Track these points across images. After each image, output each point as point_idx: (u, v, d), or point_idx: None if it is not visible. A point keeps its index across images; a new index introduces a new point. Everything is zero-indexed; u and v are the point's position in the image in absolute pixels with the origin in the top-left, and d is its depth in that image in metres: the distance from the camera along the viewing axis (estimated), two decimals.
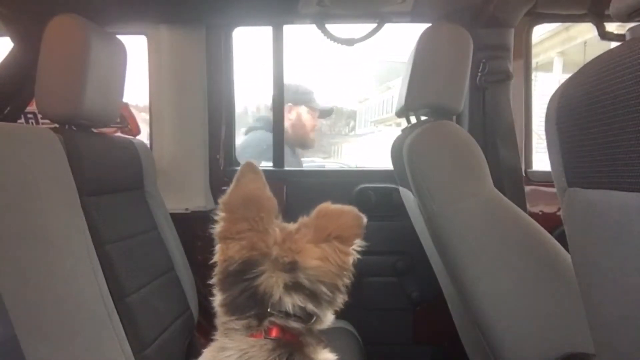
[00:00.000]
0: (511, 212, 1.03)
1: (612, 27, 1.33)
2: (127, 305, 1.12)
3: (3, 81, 1.54)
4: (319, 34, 1.62)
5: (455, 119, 1.67)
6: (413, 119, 1.36)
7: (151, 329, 1.19)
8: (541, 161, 1.81)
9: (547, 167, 0.57)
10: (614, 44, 0.55)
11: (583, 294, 0.52)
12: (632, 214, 0.40)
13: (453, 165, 1.07)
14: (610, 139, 0.41)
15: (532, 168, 1.80)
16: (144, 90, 1.84)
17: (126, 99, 1.67)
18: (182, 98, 1.76)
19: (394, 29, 1.73)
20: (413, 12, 1.58)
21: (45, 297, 0.95)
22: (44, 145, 1.04)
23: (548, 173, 0.57)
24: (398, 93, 1.36)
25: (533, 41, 1.79)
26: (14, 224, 0.95)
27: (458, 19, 1.53)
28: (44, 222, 0.98)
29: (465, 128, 1.68)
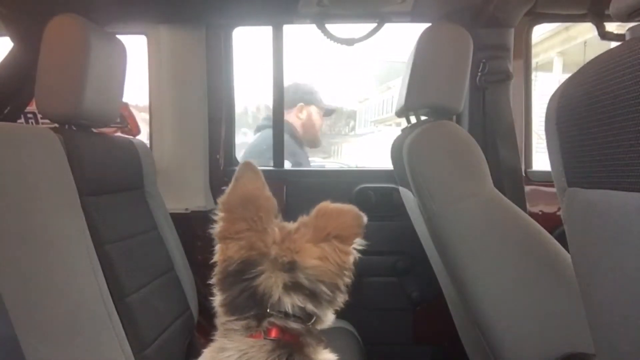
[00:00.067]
0: (511, 212, 1.02)
1: (612, 27, 1.33)
2: (127, 305, 1.12)
3: (3, 81, 1.54)
4: (319, 34, 1.62)
5: (455, 119, 1.67)
6: (413, 119, 1.36)
7: (151, 329, 1.19)
8: (541, 161, 1.81)
9: (547, 167, 0.57)
10: (614, 44, 0.55)
11: (583, 294, 0.52)
12: (632, 214, 0.40)
13: (453, 165, 1.07)
14: (610, 139, 0.41)
15: (532, 168, 1.80)
16: (144, 90, 1.84)
17: (126, 99, 1.67)
18: (182, 98, 1.76)
19: (394, 29, 1.74)
20: (413, 12, 1.58)
21: (45, 297, 0.95)
22: (44, 145, 1.04)
23: (548, 173, 0.57)
24: (398, 93, 1.36)
25: (533, 41, 1.79)
26: (14, 224, 0.95)
27: (458, 19, 1.52)
28: (44, 222, 0.98)
29: (465, 128, 1.67)
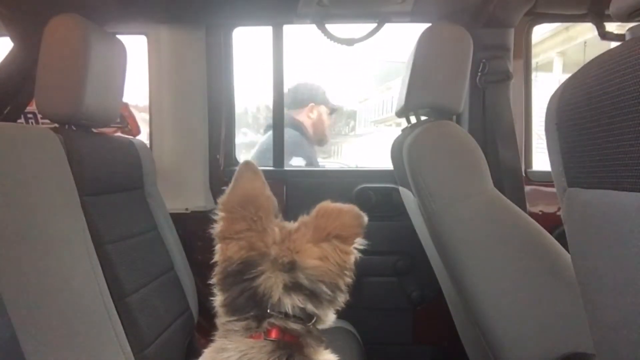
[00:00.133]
0: (511, 212, 1.02)
1: (612, 27, 1.33)
2: (127, 305, 1.12)
3: (3, 81, 1.54)
4: (319, 34, 1.62)
5: (455, 119, 1.67)
6: (413, 119, 1.36)
7: (151, 329, 1.19)
8: (541, 161, 1.81)
9: (547, 167, 0.57)
10: (614, 44, 0.55)
11: (583, 294, 0.52)
12: (632, 214, 0.40)
13: (453, 165, 1.07)
14: (610, 139, 0.41)
15: (532, 168, 1.80)
16: (144, 90, 1.84)
17: (126, 99, 1.67)
18: (182, 98, 1.76)
19: (394, 29, 1.73)
20: (413, 12, 1.58)
21: (45, 297, 0.95)
22: (44, 145, 1.04)
23: (548, 173, 0.57)
24: (398, 93, 1.36)
25: (533, 41, 1.79)
26: (14, 224, 0.95)
27: (458, 19, 1.52)
28: (44, 222, 0.98)
29: (465, 128, 1.68)
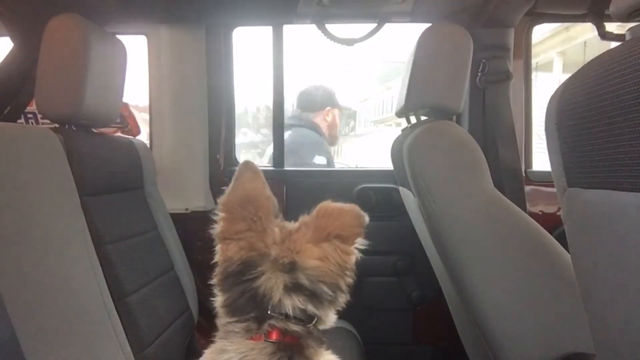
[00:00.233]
0: (511, 212, 1.02)
1: (612, 27, 1.33)
2: (127, 305, 1.12)
3: (3, 81, 1.53)
4: (319, 34, 1.62)
5: (455, 119, 1.67)
6: (413, 119, 1.36)
7: (151, 329, 1.19)
8: (541, 161, 1.81)
9: (547, 167, 0.57)
10: (614, 44, 0.55)
11: (583, 294, 0.52)
12: (632, 214, 0.40)
13: (453, 165, 1.07)
14: (610, 139, 0.41)
15: (532, 168, 1.80)
16: (144, 90, 1.84)
17: (126, 99, 1.67)
18: (182, 98, 1.76)
19: (394, 29, 1.73)
20: (413, 12, 1.58)
21: (45, 297, 0.95)
22: (44, 145, 1.04)
23: (548, 173, 0.57)
24: (398, 93, 1.36)
25: (533, 41, 1.79)
26: (14, 224, 0.95)
27: (458, 19, 1.53)
28: (44, 222, 0.98)
29: (465, 128, 1.68)
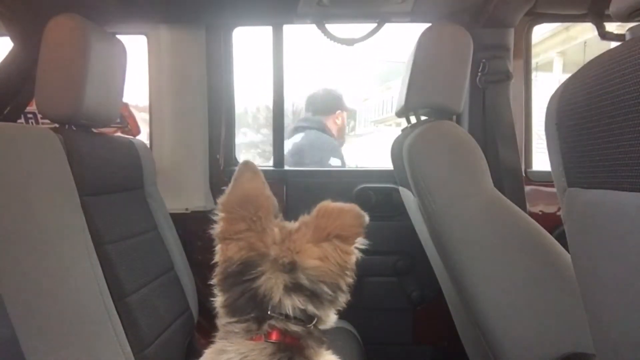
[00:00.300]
0: (511, 212, 1.02)
1: (612, 27, 1.33)
2: (127, 305, 1.12)
3: (3, 81, 1.54)
4: (319, 34, 1.62)
5: (455, 119, 1.67)
6: (413, 119, 1.36)
7: (151, 329, 1.19)
8: (541, 161, 1.81)
9: (547, 167, 0.57)
10: (614, 44, 0.55)
11: (583, 294, 0.52)
12: (632, 214, 0.40)
13: (453, 165, 1.07)
14: (610, 139, 0.41)
15: (532, 168, 1.80)
16: (144, 90, 1.84)
17: (126, 99, 1.67)
18: (182, 98, 1.76)
19: (394, 29, 1.73)
20: (413, 12, 1.58)
21: (45, 297, 0.95)
22: (44, 145, 1.04)
23: (548, 173, 0.57)
24: (398, 93, 1.36)
25: (533, 41, 1.79)
26: (14, 224, 0.95)
27: (458, 19, 1.53)
28: (44, 222, 0.98)
29: (465, 128, 1.68)
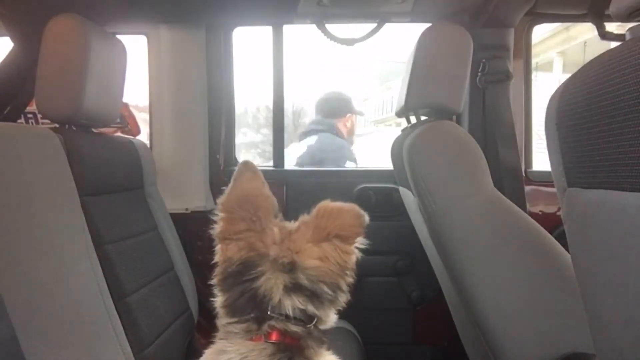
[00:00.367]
0: (511, 212, 1.02)
1: (612, 27, 1.33)
2: (127, 305, 1.12)
3: (3, 81, 1.53)
4: (319, 34, 1.62)
5: (455, 119, 1.67)
6: (413, 119, 1.36)
7: (151, 329, 1.19)
8: (541, 161, 1.81)
9: (547, 167, 0.57)
10: (614, 44, 0.55)
11: (583, 294, 0.52)
12: (632, 214, 0.40)
13: (453, 165, 1.07)
14: (610, 139, 0.41)
15: (532, 168, 1.80)
16: (144, 90, 1.84)
17: (126, 99, 1.67)
18: (182, 98, 1.76)
19: (394, 29, 1.73)
20: (413, 12, 1.58)
21: (45, 297, 0.95)
22: (44, 145, 1.04)
23: (548, 173, 0.57)
24: (398, 93, 1.36)
25: (533, 41, 1.79)
26: (14, 224, 0.95)
27: (458, 19, 1.53)
28: (44, 222, 0.98)
29: (465, 128, 1.68)
